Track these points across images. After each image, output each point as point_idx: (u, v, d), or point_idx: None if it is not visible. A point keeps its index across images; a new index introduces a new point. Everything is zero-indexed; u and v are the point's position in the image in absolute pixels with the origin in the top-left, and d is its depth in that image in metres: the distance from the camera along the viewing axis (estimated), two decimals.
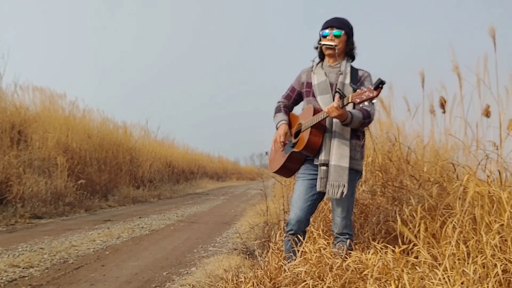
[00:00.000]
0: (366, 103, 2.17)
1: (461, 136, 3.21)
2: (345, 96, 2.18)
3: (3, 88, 7.78)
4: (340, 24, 2.47)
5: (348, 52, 2.50)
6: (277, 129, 2.61)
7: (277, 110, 2.67)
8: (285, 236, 2.49)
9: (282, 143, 2.50)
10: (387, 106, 4.01)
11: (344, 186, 2.31)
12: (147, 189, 10.97)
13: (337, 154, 2.34)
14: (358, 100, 2.11)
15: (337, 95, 2.23)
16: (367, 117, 2.33)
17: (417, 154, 3.57)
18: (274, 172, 2.72)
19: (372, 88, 2.08)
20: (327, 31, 2.47)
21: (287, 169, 2.61)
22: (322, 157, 2.37)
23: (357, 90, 2.13)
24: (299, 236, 2.41)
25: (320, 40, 2.50)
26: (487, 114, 2.96)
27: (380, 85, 2.06)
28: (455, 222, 2.37)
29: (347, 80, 2.40)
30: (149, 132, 13.55)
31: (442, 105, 3.43)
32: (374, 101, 2.18)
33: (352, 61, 2.52)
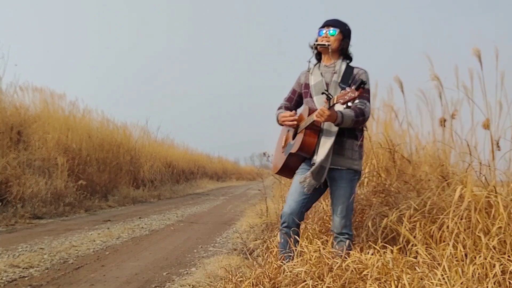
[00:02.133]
0: (357, 100, 2.19)
1: (457, 141, 3.24)
2: (332, 97, 2.20)
3: (3, 88, 7.79)
4: (336, 24, 2.50)
5: (342, 51, 2.51)
6: (278, 121, 2.66)
7: (278, 110, 2.71)
8: (280, 229, 2.50)
9: (294, 120, 2.51)
10: (386, 107, 4.01)
11: (308, 176, 2.35)
12: (147, 189, 10.97)
13: (321, 153, 2.36)
14: (341, 101, 2.13)
15: (324, 97, 2.25)
16: (361, 115, 2.34)
17: (414, 158, 3.57)
18: (277, 173, 2.75)
19: (354, 88, 2.10)
20: (323, 30, 2.50)
21: (288, 170, 2.63)
22: (315, 157, 2.39)
23: (341, 91, 2.16)
24: (294, 230, 2.42)
25: (316, 39, 2.52)
26: (487, 127, 2.97)
27: (362, 86, 2.09)
28: (451, 225, 2.37)
29: (339, 79, 2.42)
30: (149, 133, 13.56)
31: (442, 123, 3.45)
32: (356, 100, 2.20)
33: (349, 62, 2.53)
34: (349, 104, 2.13)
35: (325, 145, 2.36)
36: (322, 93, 2.26)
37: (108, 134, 10.47)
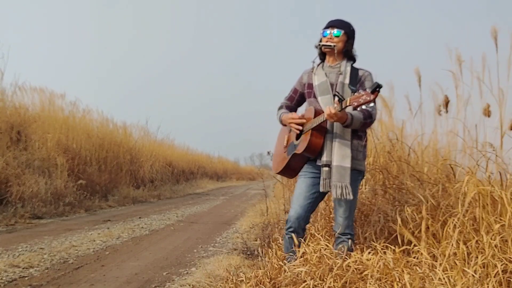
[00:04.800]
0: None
1: (462, 136, 3.21)
2: (344, 99, 2.19)
3: (3, 88, 7.78)
4: (341, 25, 2.49)
5: (347, 52, 2.50)
6: (281, 122, 2.64)
7: (279, 109, 2.70)
8: (285, 234, 2.49)
9: (299, 121, 2.49)
10: (389, 105, 4.00)
11: (346, 187, 2.31)
12: (147, 189, 10.97)
13: (339, 154, 2.34)
14: (355, 104, 2.11)
15: (335, 98, 2.23)
16: (368, 118, 2.33)
17: (417, 154, 3.56)
18: (278, 173, 2.73)
19: (369, 91, 2.09)
20: (327, 31, 2.49)
21: (290, 170, 2.62)
22: (324, 158, 2.38)
23: (355, 94, 2.13)
24: (299, 233, 2.42)
25: (320, 40, 2.51)
26: (488, 113, 2.94)
27: (377, 89, 2.07)
28: (456, 222, 2.36)
29: (347, 81, 2.41)
30: (149, 133, 13.56)
31: (446, 105, 3.42)
32: (371, 104, 2.19)
33: (353, 63, 2.52)
34: (364, 106, 2.12)
35: (342, 149, 2.34)
36: (334, 95, 2.24)
37: (108, 134, 10.47)
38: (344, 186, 2.31)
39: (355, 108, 2.16)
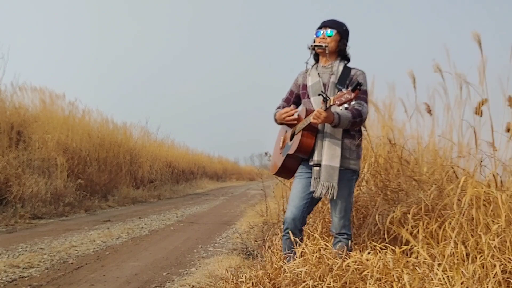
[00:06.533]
0: (354, 102, 2.19)
1: (459, 137, 3.22)
2: (329, 99, 2.20)
3: (3, 88, 7.79)
4: (334, 25, 2.50)
5: (340, 52, 2.51)
6: (276, 120, 2.65)
7: (276, 111, 2.71)
8: (283, 235, 2.50)
9: (291, 112, 2.50)
10: (388, 106, 4.00)
11: (333, 186, 2.32)
12: (147, 189, 10.98)
13: (328, 154, 2.36)
14: (338, 103, 2.13)
15: (321, 98, 2.25)
16: (358, 116, 2.33)
17: (416, 155, 3.57)
18: (275, 174, 2.75)
19: (350, 90, 2.11)
20: (320, 31, 2.50)
21: (286, 171, 2.64)
22: (315, 158, 2.40)
23: (338, 93, 2.16)
24: (296, 234, 2.43)
25: (314, 41, 2.52)
26: (479, 113, 2.94)
27: (358, 87, 2.10)
28: (453, 223, 2.37)
29: (337, 80, 2.42)
30: (149, 133, 13.56)
31: (429, 110, 3.45)
32: (353, 101, 2.20)
33: (347, 63, 2.53)
34: (346, 105, 2.14)
35: (332, 149, 2.35)
36: (319, 95, 2.26)
37: (108, 134, 10.47)
38: (331, 185, 2.32)
39: (344, 107, 2.17)
